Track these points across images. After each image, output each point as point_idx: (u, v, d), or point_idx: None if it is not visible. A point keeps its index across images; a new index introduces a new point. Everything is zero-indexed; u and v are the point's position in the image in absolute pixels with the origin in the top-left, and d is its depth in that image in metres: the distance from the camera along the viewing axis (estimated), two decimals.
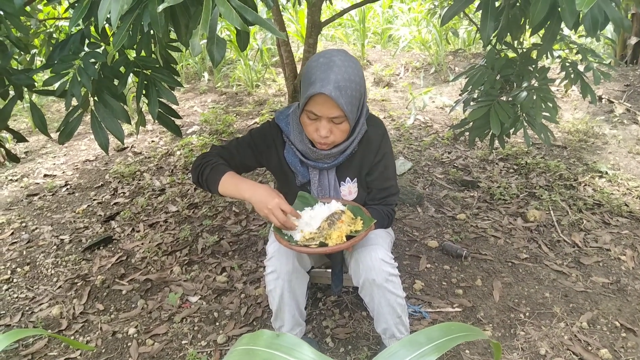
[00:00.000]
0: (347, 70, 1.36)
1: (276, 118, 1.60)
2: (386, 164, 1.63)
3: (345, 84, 1.35)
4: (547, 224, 2.55)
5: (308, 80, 1.38)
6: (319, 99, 1.36)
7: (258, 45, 5.23)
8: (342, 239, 1.39)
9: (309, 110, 1.40)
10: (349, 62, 1.38)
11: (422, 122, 4.03)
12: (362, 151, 1.59)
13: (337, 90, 1.33)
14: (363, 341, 1.86)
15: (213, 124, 4.19)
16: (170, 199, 3.05)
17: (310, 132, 1.45)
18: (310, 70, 1.38)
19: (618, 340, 1.82)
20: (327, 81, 1.33)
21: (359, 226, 1.44)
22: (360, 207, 1.52)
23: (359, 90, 1.40)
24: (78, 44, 1.67)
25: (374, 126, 1.58)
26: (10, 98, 1.69)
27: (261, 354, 0.69)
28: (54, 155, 4.03)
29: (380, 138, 1.59)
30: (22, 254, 2.62)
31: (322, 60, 1.38)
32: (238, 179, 1.49)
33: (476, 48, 5.54)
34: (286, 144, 1.59)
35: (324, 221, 1.43)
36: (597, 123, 3.75)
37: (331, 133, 1.43)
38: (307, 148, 1.52)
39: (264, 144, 1.62)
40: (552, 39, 1.83)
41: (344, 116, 1.39)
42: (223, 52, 1.30)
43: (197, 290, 2.21)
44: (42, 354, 1.92)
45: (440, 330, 0.75)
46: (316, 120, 1.42)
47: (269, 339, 0.70)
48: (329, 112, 1.38)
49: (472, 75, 2.08)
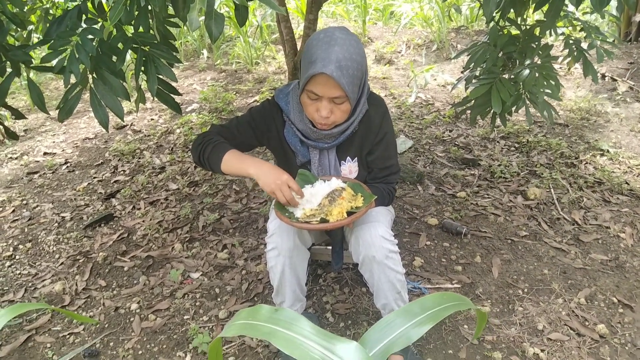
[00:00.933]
0: (349, 49, 1.33)
1: (276, 96, 1.58)
2: (387, 144, 1.62)
3: (347, 63, 1.32)
4: (548, 202, 2.56)
5: (309, 59, 1.35)
6: (320, 78, 1.34)
7: (257, 22, 5.16)
8: (343, 215, 1.39)
9: (309, 90, 1.38)
10: (351, 40, 1.35)
11: (423, 100, 4.00)
12: (362, 131, 1.58)
13: (338, 70, 1.31)
14: (363, 316, 1.89)
15: (212, 102, 4.17)
16: (171, 177, 3.05)
17: (310, 112, 1.44)
18: (311, 49, 1.36)
19: (615, 316, 1.84)
20: (329, 60, 1.30)
21: (360, 202, 1.44)
22: (361, 184, 1.52)
23: (360, 70, 1.38)
24: (75, 19, 1.65)
25: (375, 105, 1.57)
26: (7, 74, 1.67)
27: (261, 328, 0.69)
28: (54, 133, 4.02)
29: (381, 117, 1.58)
30: (24, 231, 2.64)
31: (323, 38, 1.35)
32: (241, 156, 1.47)
33: (479, 25, 5.46)
34: (286, 123, 1.58)
35: (325, 198, 1.44)
36: (600, 101, 3.72)
37: (332, 113, 1.42)
38: (307, 128, 1.51)
39: (264, 123, 1.60)
40: (556, 16, 1.80)
41: (345, 96, 1.37)
42: (221, 28, 1.28)
43: (198, 267, 2.23)
44: (46, 329, 1.95)
45: (434, 299, 0.77)
46: (317, 100, 1.40)
47: (268, 314, 0.71)
48: (330, 92, 1.36)
49: (475, 53, 2.06)
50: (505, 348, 1.72)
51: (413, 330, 0.72)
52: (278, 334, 0.68)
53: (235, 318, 0.73)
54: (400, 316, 0.74)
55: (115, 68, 1.64)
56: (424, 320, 0.74)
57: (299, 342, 0.66)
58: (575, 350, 1.69)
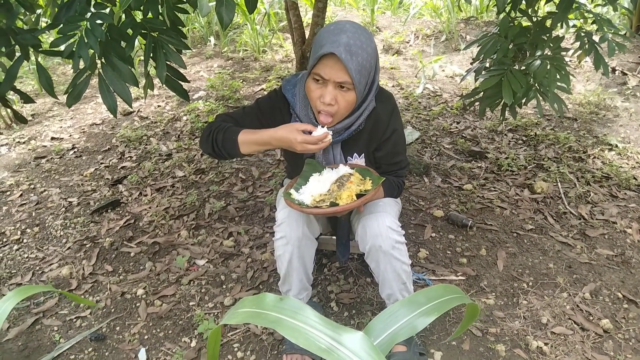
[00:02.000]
0: (360, 38, 1.33)
1: (282, 88, 1.56)
2: (396, 141, 1.60)
3: (356, 49, 1.32)
4: (554, 196, 2.54)
5: (319, 44, 1.35)
6: (329, 60, 1.33)
7: (265, 10, 5.13)
8: (353, 198, 1.38)
9: (316, 73, 1.36)
10: (362, 31, 1.35)
11: (431, 91, 3.98)
12: (370, 128, 1.56)
13: (347, 53, 1.30)
14: (367, 306, 1.90)
15: (219, 90, 4.16)
16: (177, 164, 3.06)
17: (314, 98, 1.41)
18: (321, 35, 1.36)
19: (620, 311, 1.84)
20: (338, 43, 1.30)
21: (369, 186, 1.44)
22: (369, 169, 1.52)
23: (369, 61, 1.36)
24: (84, 4, 1.64)
25: (383, 102, 1.55)
26: (16, 58, 1.67)
27: (267, 317, 0.69)
28: (61, 119, 4.03)
29: (389, 115, 1.56)
30: (32, 215, 2.66)
31: (333, 27, 1.35)
32: (253, 131, 1.45)
33: (488, 16, 5.41)
34: (292, 117, 1.57)
35: (333, 184, 1.44)
36: (609, 95, 3.69)
37: (336, 102, 1.39)
38: (311, 122, 1.49)
39: (270, 114, 1.59)
40: (568, 8, 1.78)
41: (351, 83, 1.35)
42: (232, 14, 1.28)
43: (204, 254, 2.24)
44: (53, 312, 1.97)
45: (437, 291, 0.77)
46: (322, 86, 1.38)
47: (273, 302, 0.71)
48: (336, 75, 1.34)
49: (485, 44, 2.04)
50: (509, 341, 1.72)
51: (417, 321, 0.72)
52: (284, 322, 0.68)
53: (238, 305, 0.73)
54: (405, 306, 0.74)
55: (124, 54, 1.63)
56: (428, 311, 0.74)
57: (305, 331, 0.66)
58: (579, 345, 1.69)
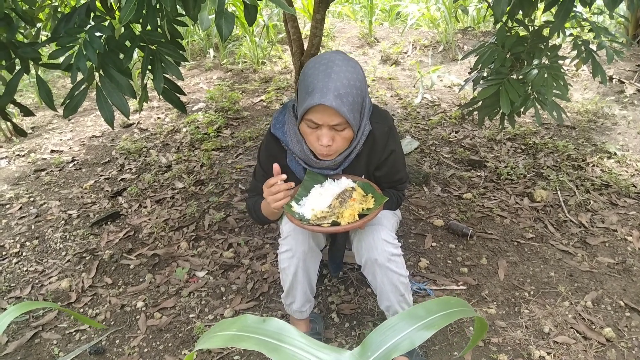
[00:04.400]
0: (347, 76, 1.29)
1: (272, 128, 1.53)
2: (394, 161, 1.58)
3: (345, 90, 1.28)
4: (554, 204, 2.54)
5: (306, 88, 1.31)
6: (319, 108, 1.29)
7: (264, 22, 5.16)
8: (355, 218, 1.37)
9: (308, 119, 1.33)
10: (348, 65, 1.31)
11: (429, 101, 3.99)
12: (368, 150, 1.53)
13: (337, 99, 1.26)
14: (368, 317, 1.88)
15: (219, 101, 4.17)
16: (177, 175, 3.06)
17: (311, 141, 1.39)
18: (308, 78, 1.31)
19: (622, 319, 1.83)
20: (327, 90, 1.26)
21: (371, 204, 1.43)
22: (371, 184, 1.50)
23: (360, 95, 1.33)
24: (83, 17, 1.65)
25: (379, 123, 1.50)
26: (16, 72, 1.68)
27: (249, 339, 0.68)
28: (61, 131, 4.04)
29: (386, 136, 1.52)
30: (31, 228, 2.65)
31: (320, 66, 1.30)
32: (263, 206, 1.58)
33: (485, 26, 5.44)
34: (287, 153, 1.54)
35: (335, 199, 1.42)
36: (607, 103, 3.70)
37: (333, 141, 1.36)
38: (308, 158, 1.47)
39: (271, 163, 1.56)
40: (565, 17, 1.79)
41: (346, 123, 1.32)
42: (232, 27, 1.28)
43: (204, 266, 2.23)
44: (52, 326, 1.96)
45: (439, 304, 0.75)
46: (317, 129, 1.35)
47: (256, 324, 0.69)
48: (329, 119, 1.31)
49: (482, 53, 2.05)
50: (511, 350, 1.71)
51: (417, 334, 0.71)
52: (268, 344, 0.66)
53: (215, 328, 0.71)
54: (404, 319, 0.73)
55: (122, 66, 1.64)
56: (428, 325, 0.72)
57: (291, 352, 0.65)
58: (581, 354, 1.68)
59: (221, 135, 3.58)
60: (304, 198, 1.48)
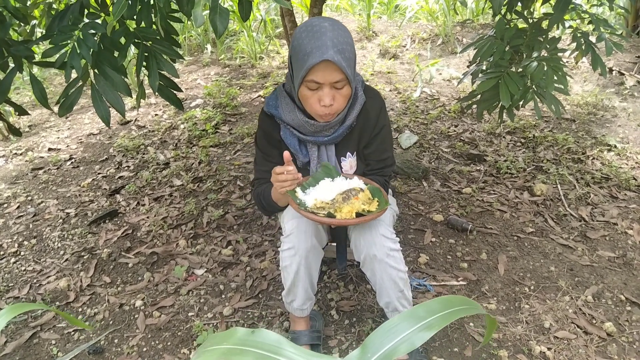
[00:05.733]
0: (341, 33, 1.34)
1: (265, 107, 1.57)
2: (384, 137, 1.62)
3: (343, 47, 1.33)
4: (554, 198, 2.53)
5: (303, 51, 1.33)
6: (321, 65, 1.32)
7: (261, 16, 5.13)
8: (352, 215, 1.37)
9: (309, 80, 1.36)
10: (338, 25, 1.36)
11: (428, 95, 3.97)
12: (360, 124, 1.58)
13: (338, 54, 1.31)
14: (367, 314, 1.88)
15: (217, 97, 4.15)
16: (175, 172, 3.04)
17: (312, 104, 1.41)
18: (303, 41, 1.34)
19: (623, 313, 1.82)
20: (326, 47, 1.30)
21: (373, 207, 1.42)
22: (381, 190, 1.50)
23: (353, 52, 1.39)
24: (77, 14, 1.63)
25: (371, 98, 1.57)
26: (9, 70, 1.66)
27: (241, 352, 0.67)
28: (58, 129, 4.02)
29: (378, 110, 1.58)
30: (29, 227, 2.64)
31: (313, 29, 1.34)
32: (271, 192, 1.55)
33: (484, 19, 5.41)
34: (281, 127, 1.57)
35: (340, 194, 1.43)
36: (607, 96, 3.68)
37: (334, 100, 1.41)
38: (302, 121, 1.49)
39: (270, 145, 1.61)
40: (564, 9, 1.77)
41: (345, 79, 1.37)
42: (226, 23, 1.26)
43: (202, 263, 2.22)
44: (51, 325, 1.95)
45: (441, 303, 0.74)
46: (317, 90, 1.38)
47: (245, 336, 0.68)
48: (331, 76, 1.35)
49: (481, 46, 2.03)
50: (512, 346, 1.70)
51: (417, 335, 0.70)
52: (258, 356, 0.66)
53: (207, 343, 0.70)
54: (405, 320, 0.72)
55: (116, 63, 1.62)
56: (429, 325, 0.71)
57: None
58: (582, 349, 1.67)
59: (219, 131, 3.56)
60: (312, 187, 1.50)
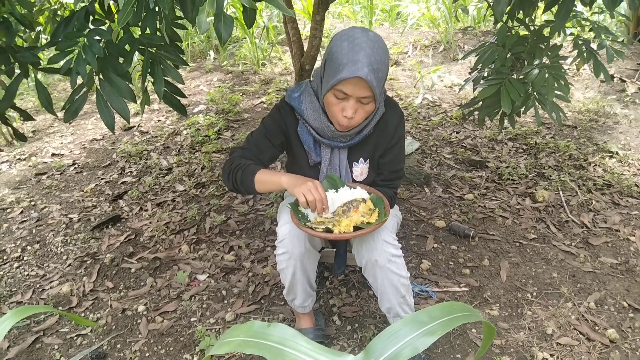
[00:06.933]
0: (379, 52, 1.35)
1: (287, 97, 1.57)
2: (400, 148, 1.64)
3: (378, 66, 1.34)
4: (556, 205, 2.53)
5: (338, 61, 1.34)
6: (353, 80, 1.34)
7: (264, 23, 5.16)
8: (350, 229, 1.38)
9: (338, 90, 1.38)
10: (378, 42, 1.37)
11: (430, 102, 3.99)
12: (378, 133, 1.59)
13: (372, 73, 1.32)
14: (370, 319, 1.88)
15: (219, 103, 4.17)
16: (178, 178, 3.05)
17: (334, 112, 1.43)
18: (340, 50, 1.35)
19: (625, 320, 1.82)
20: (362, 63, 1.31)
21: (373, 219, 1.43)
22: (383, 199, 1.51)
23: (386, 72, 1.40)
24: (82, 20, 1.65)
25: (392, 109, 1.58)
26: (15, 76, 1.68)
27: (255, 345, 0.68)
28: (62, 135, 4.04)
29: (397, 122, 1.59)
30: (32, 232, 2.65)
31: (349, 42, 1.35)
32: (271, 172, 1.49)
33: (486, 26, 5.43)
34: (299, 122, 1.58)
35: (340, 207, 1.43)
36: (609, 102, 3.69)
37: (356, 113, 1.42)
38: (324, 125, 1.50)
39: (278, 129, 1.61)
40: (566, 17, 1.78)
41: (372, 97, 1.38)
42: (230, 30, 1.28)
43: (205, 269, 2.22)
44: (54, 330, 1.95)
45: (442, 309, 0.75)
46: (343, 100, 1.40)
47: (261, 329, 0.70)
48: (360, 92, 1.36)
49: (483, 53, 2.05)
50: (514, 352, 1.70)
51: (419, 341, 0.70)
52: (273, 349, 0.67)
53: (227, 335, 0.71)
54: (407, 325, 0.72)
55: (121, 69, 1.64)
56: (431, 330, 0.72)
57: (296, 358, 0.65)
58: (585, 356, 1.67)
59: (222, 137, 3.58)
60: None
